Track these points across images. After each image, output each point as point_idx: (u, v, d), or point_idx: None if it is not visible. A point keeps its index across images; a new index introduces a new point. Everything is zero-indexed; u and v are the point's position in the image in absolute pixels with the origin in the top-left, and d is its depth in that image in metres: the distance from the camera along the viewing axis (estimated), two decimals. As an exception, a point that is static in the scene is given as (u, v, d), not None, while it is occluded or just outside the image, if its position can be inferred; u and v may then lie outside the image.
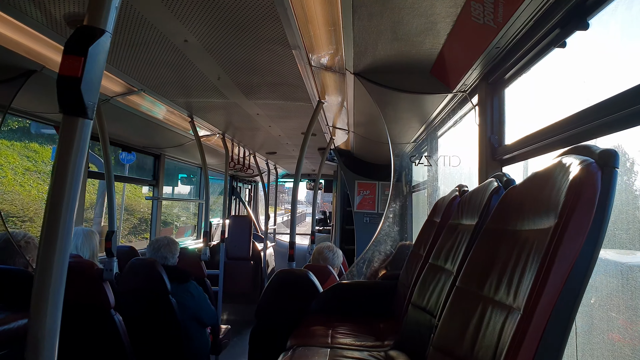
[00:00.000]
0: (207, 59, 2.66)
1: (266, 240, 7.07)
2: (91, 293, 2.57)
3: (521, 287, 1.09)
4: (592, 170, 1.01)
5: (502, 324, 1.11)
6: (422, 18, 2.03)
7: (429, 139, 3.82)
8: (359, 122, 4.03)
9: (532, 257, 1.09)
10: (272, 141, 5.66)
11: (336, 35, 2.31)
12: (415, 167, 3.87)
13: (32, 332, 0.93)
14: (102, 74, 0.94)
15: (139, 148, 5.01)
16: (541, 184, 1.19)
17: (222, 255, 5.01)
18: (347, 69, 2.73)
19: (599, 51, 1.75)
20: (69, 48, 0.89)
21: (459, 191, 2.29)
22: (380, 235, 3.40)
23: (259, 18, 2.12)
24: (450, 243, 1.90)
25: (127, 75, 2.93)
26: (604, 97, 1.42)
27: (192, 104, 3.77)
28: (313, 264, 3.65)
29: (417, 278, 2.23)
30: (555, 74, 2.01)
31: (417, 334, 1.91)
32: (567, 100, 1.82)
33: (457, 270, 1.70)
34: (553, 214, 1.05)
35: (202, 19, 2.14)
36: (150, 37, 2.35)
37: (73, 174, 0.94)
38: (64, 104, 0.91)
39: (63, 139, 0.93)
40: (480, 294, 1.29)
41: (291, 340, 2.35)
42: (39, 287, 0.94)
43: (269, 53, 2.56)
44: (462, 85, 2.59)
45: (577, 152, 1.11)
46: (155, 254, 3.33)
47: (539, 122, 1.88)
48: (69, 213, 0.95)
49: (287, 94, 3.41)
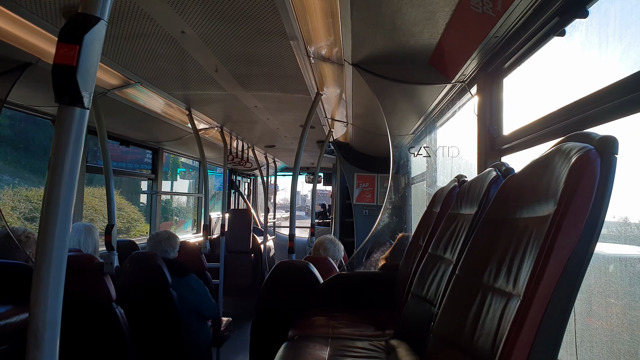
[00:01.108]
0: (204, 51, 2.65)
1: (266, 233, 7.08)
2: (92, 287, 2.58)
3: (520, 274, 1.09)
4: (592, 157, 1.00)
5: (501, 310, 1.11)
6: (420, 8, 2.02)
7: (427, 130, 3.81)
8: (357, 114, 4.02)
9: (532, 244, 1.09)
10: (271, 134, 5.65)
11: (334, 26, 2.29)
12: (414, 158, 3.87)
13: (33, 325, 0.93)
14: (98, 62, 0.94)
15: (137, 142, 5.00)
16: (540, 172, 1.18)
17: (223, 248, 5.02)
18: (345, 60, 2.71)
19: (598, 39, 1.74)
20: (64, 36, 0.88)
21: (457, 181, 2.28)
22: (379, 227, 3.40)
23: (257, 9, 2.10)
24: (450, 232, 1.91)
25: (124, 67, 2.91)
26: (603, 85, 1.41)
27: (189, 96, 3.75)
28: (313, 256, 3.66)
29: (416, 268, 2.24)
30: (554, 62, 2.00)
31: (417, 323, 1.92)
32: (566, 88, 1.82)
33: (457, 259, 1.70)
34: (552, 201, 1.05)
35: (200, 10, 2.12)
36: (147, 29, 2.33)
37: (70, 165, 0.93)
38: (59, 93, 0.90)
39: (59, 129, 0.92)
40: (479, 282, 1.30)
41: (292, 331, 2.36)
42: (38, 280, 0.94)
43: (267, 44, 2.55)
44: (461, 75, 2.58)
45: (576, 139, 1.11)
46: (155, 248, 3.34)
47: (538, 111, 1.88)
48: (67, 204, 0.95)
49: (285, 86, 3.40)
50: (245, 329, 4.40)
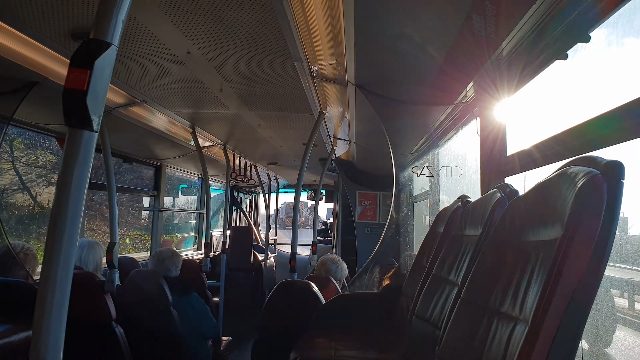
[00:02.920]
0: (209, 70, 2.68)
1: (267, 251, 7.05)
2: (92, 305, 2.56)
3: (527, 299, 1.08)
4: (598, 182, 1.00)
5: (508, 336, 1.10)
6: (423, 31, 2.04)
7: (430, 149, 3.82)
8: (360, 132, 4.03)
9: (539, 269, 1.08)
10: (274, 152, 5.66)
11: (338, 47, 2.32)
12: (417, 177, 3.87)
13: (35, 348, 0.92)
14: (108, 86, 0.95)
15: (140, 159, 5.01)
16: (546, 195, 1.18)
17: (223, 266, 4.99)
18: (349, 81, 2.74)
19: (600, 63, 1.75)
20: (75, 61, 0.90)
21: (461, 202, 2.28)
22: (382, 247, 3.39)
23: (262, 30, 2.13)
24: (454, 254, 1.90)
25: (130, 86, 2.94)
26: (607, 108, 1.42)
27: (193, 115, 3.78)
28: (315, 275, 3.63)
29: (420, 289, 2.22)
30: (557, 85, 2.02)
31: (422, 346, 1.90)
32: (570, 111, 1.83)
33: (462, 282, 1.69)
34: (559, 225, 1.05)
35: (205, 30, 2.15)
36: (153, 49, 2.36)
37: (78, 186, 0.94)
38: (69, 117, 0.91)
39: (68, 152, 0.93)
40: (485, 305, 1.28)
41: (294, 352, 2.33)
42: (42, 301, 0.93)
43: (271, 65, 2.57)
44: (464, 97, 2.60)
45: (581, 163, 1.10)
46: (158, 266, 3.32)
47: (542, 133, 1.88)
48: (74, 225, 0.95)
49: (288, 105, 3.43)
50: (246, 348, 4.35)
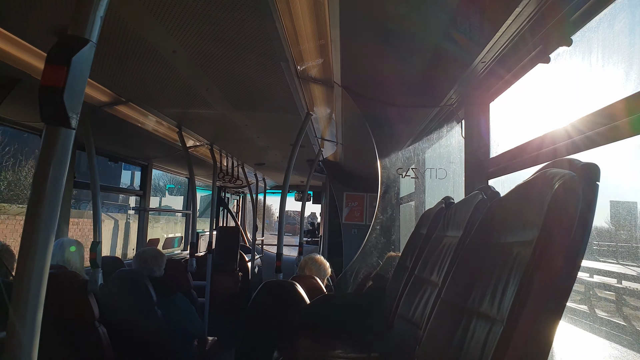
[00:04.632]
0: (195, 70, 2.66)
1: (254, 252, 7.02)
2: (75, 305, 2.53)
3: (505, 299, 1.09)
4: (574, 184, 1.01)
5: (486, 335, 1.11)
6: (409, 34, 2.06)
7: (416, 151, 3.84)
8: (347, 134, 4.04)
9: (516, 270, 1.10)
10: (261, 152, 5.65)
11: (325, 49, 2.33)
12: (403, 179, 3.89)
13: (9, 346, 0.91)
14: (86, 84, 0.94)
15: (126, 158, 4.97)
16: (524, 197, 1.20)
17: (209, 266, 4.96)
18: (335, 82, 2.74)
19: (582, 66, 1.78)
20: (52, 57, 0.89)
21: (445, 203, 2.30)
22: (367, 247, 3.40)
23: (248, 31, 2.13)
24: (436, 255, 1.91)
25: (115, 85, 2.91)
26: (587, 111, 1.44)
27: (180, 114, 3.76)
28: (300, 275, 3.63)
29: (403, 290, 2.23)
30: (539, 88, 2.04)
31: (403, 346, 1.91)
32: (553, 113, 1.85)
33: (443, 282, 1.70)
34: (536, 226, 1.06)
35: (192, 30, 2.14)
36: (138, 48, 2.34)
37: (54, 184, 0.93)
38: (46, 114, 0.91)
39: (45, 149, 0.92)
40: (464, 306, 1.30)
41: (277, 352, 2.33)
42: (16, 300, 0.92)
43: (258, 65, 2.57)
44: (449, 99, 2.62)
45: (559, 166, 1.12)
46: (141, 266, 3.29)
47: (524, 135, 1.91)
48: (50, 224, 0.94)
49: (275, 106, 3.42)
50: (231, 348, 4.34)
